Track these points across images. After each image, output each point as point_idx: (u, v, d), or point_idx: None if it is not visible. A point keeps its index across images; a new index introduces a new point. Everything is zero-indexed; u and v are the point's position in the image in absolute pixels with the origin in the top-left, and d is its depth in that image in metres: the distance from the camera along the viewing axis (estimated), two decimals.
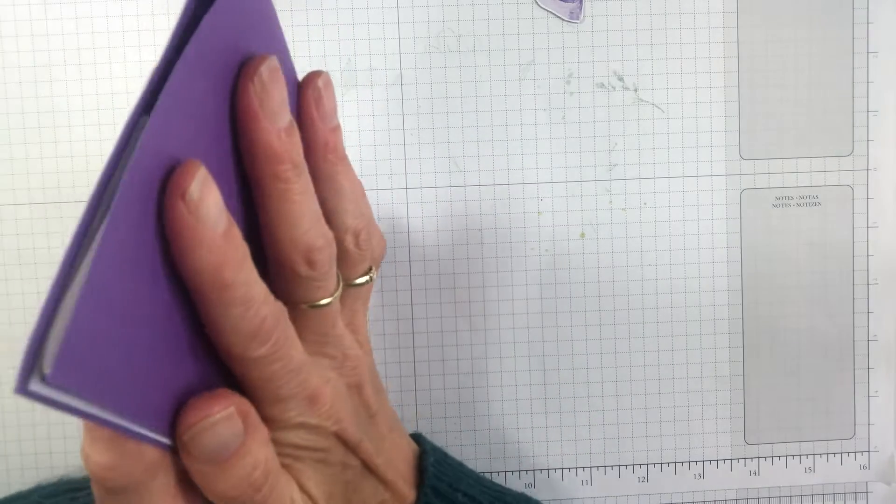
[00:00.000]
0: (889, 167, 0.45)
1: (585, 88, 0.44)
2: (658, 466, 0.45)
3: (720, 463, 0.46)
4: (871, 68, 0.44)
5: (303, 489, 0.29)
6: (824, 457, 0.46)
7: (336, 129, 0.30)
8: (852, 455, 0.46)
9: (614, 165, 0.44)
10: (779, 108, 0.44)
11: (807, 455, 0.46)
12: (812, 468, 0.46)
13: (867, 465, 0.46)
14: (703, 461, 0.46)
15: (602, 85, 0.44)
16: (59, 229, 0.43)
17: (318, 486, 0.30)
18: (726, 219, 0.45)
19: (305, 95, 0.29)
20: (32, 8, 0.42)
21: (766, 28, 0.44)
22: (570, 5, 0.43)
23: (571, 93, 0.44)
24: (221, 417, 0.24)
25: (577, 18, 0.43)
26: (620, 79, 0.44)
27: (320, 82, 0.29)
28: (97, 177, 0.21)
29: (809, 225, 0.45)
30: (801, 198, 0.45)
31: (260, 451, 0.25)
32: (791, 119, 0.45)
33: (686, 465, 0.46)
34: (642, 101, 0.44)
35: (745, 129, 0.44)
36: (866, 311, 0.45)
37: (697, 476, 0.45)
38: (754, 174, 0.45)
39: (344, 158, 0.30)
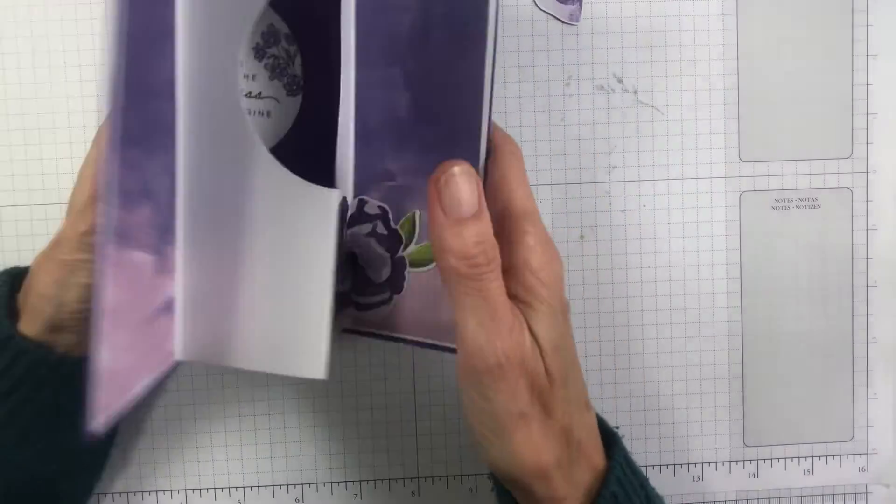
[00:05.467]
0: (888, 170, 0.45)
1: (585, 90, 0.44)
2: (657, 468, 0.45)
3: (719, 465, 0.46)
4: (871, 71, 0.44)
5: (531, 329, 0.32)
6: (823, 459, 0.46)
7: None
8: (851, 457, 0.46)
9: (614, 167, 0.44)
10: (778, 110, 0.44)
11: (806, 457, 0.46)
12: (811, 470, 0.46)
13: (866, 468, 0.46)
14: (702, 463, 0.46)
15: (601, 87, 0.44)
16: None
17: (547, 333, 0.33)
18: (726, 221, 0.45)
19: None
20: (32, 9, 0.42)
21: (766, 30, 0.44)
22: (570, 7, 0.43)
23: (571, 95, 0.44)
24: (462, 171, 0.31)
25: (577, 21, 0.43)
26: (620, 81, 0.44)
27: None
28: None
29: (809, 227, 0.45)
30: (801, 200, 0.45)
31: (486, 228, 0.31)
32: (790, 121, 0.45)
33: (685, 466, 0.45)
34: (642, 103, 0.44)
35: (744, 131, 0.44)
36: (865, 313, 0.45)
37: (696, 478, 0.45)
38: (754, 176, 0.45)
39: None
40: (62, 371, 0.36)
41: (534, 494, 0.33)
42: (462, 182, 0.31)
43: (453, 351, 0.37)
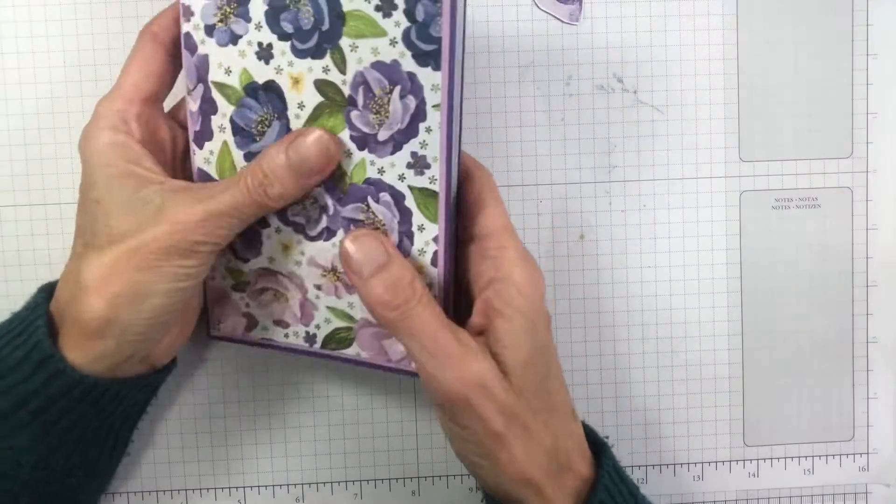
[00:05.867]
0: (888, 169, 0.45)
1: (585, 90, 0.44)
2: (657, 468, 0.45)
3: (719, 465, 0.46)
4: (871, 70, 0.44)
5: (501, 343, 0.34)
6: (823, 458, 0.46)
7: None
8: (851, 457, 0.46)
9: (614, 167, 0.44)
10: (778, 110, 0.44)
11: (806, 457, 0.46)
12: (811, 470, 0.46)
13: (866, 467, 0.46)
14: (702, 463, 0.46)
15: (601, 87, 0.44)
16: (58, 229, 0.43)
17: (520, 345, 0.34)
18: (726, 220, 0.45)
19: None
20: (32, 9, 0.42)
21: (766, 30, 0.44)
22: (570, 7, 0.43)
23: (571, 94, 0.44)
24: (353, 238, 0.34)
25: (577, 20, 0.43)
26: (620, 80, 0.44)
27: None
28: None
29: (809, 227, 0.45)
30: (801, 199, 0.45)
31: (397, 272, 0.33)
32: (790, 121, 0.45)
33: (685, 466, 0.46)
34: (642, 102, 0.44)
35: (744, 130, 0.44)
36: (865, 312, 0.45)
37: (696, 478, 0.46)
38: (754, 176, 0.45)
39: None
40: (94, 393, 0.35)
41: None
42: (356, 248, 0.33)
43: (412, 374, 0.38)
